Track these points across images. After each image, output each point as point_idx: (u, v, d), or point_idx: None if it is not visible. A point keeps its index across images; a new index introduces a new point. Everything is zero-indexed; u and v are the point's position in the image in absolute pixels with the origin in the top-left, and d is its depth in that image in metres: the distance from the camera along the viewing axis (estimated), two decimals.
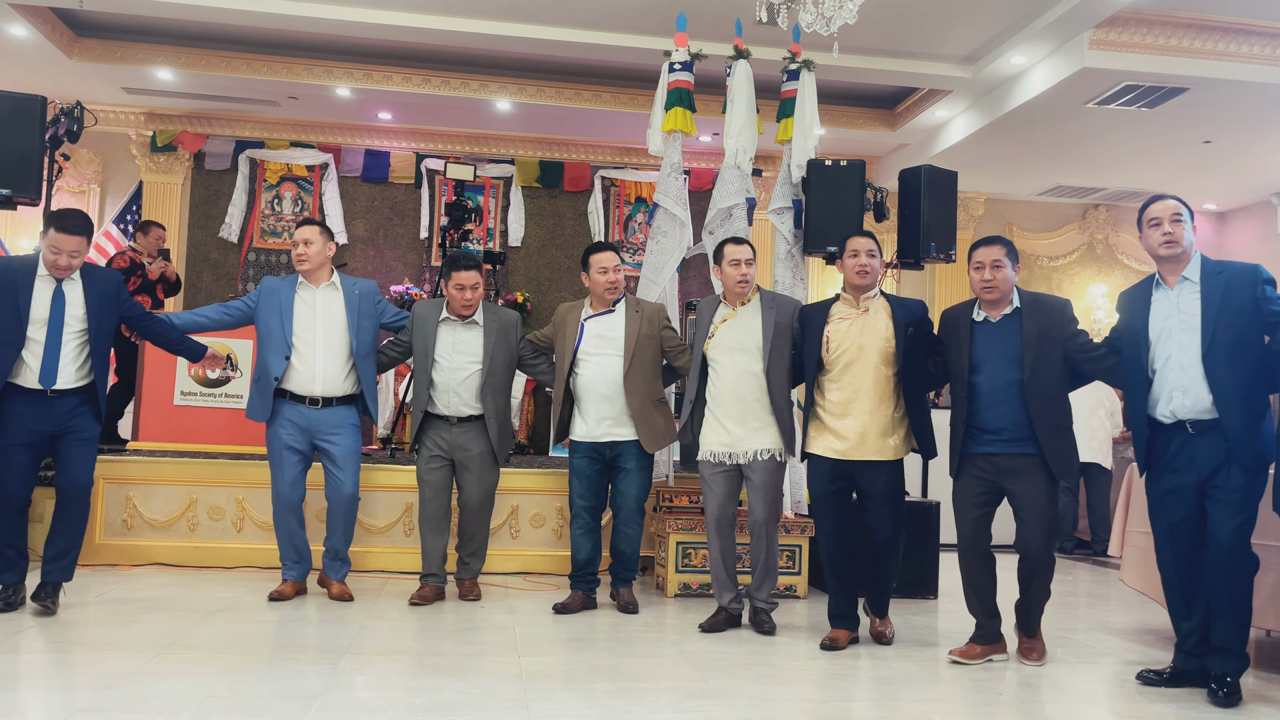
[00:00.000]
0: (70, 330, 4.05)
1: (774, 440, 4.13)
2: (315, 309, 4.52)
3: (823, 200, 5.36)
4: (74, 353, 4.06)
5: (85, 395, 4.10)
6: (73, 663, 3.38)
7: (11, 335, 3.97)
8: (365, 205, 9.38)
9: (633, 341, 4.44)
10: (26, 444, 4.02)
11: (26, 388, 3.99)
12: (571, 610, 4.44)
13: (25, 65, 7.59)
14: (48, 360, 4.00)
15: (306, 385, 4.47)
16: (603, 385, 4.43)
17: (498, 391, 4.60)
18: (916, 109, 8.56)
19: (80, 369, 4.08)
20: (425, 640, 3.86)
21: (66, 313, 4.05)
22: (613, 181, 9.75)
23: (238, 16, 6.70)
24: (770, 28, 5.79)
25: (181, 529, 5.29)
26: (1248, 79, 6.85)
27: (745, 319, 4.21)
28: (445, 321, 4.61)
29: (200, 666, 3.33)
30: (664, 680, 3.39)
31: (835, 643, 3.94)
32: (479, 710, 2.96)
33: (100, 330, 4.14)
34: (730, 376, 4.16)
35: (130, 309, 4.32)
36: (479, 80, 8.20)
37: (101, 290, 4.14)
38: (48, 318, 4.01)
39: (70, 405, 4.06)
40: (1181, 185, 9.46)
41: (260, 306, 4.54)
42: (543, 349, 4.76)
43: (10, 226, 8.55)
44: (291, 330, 4.46)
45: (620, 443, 4.44)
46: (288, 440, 4.47)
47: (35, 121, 5.02)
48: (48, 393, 4.01)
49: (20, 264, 4.10)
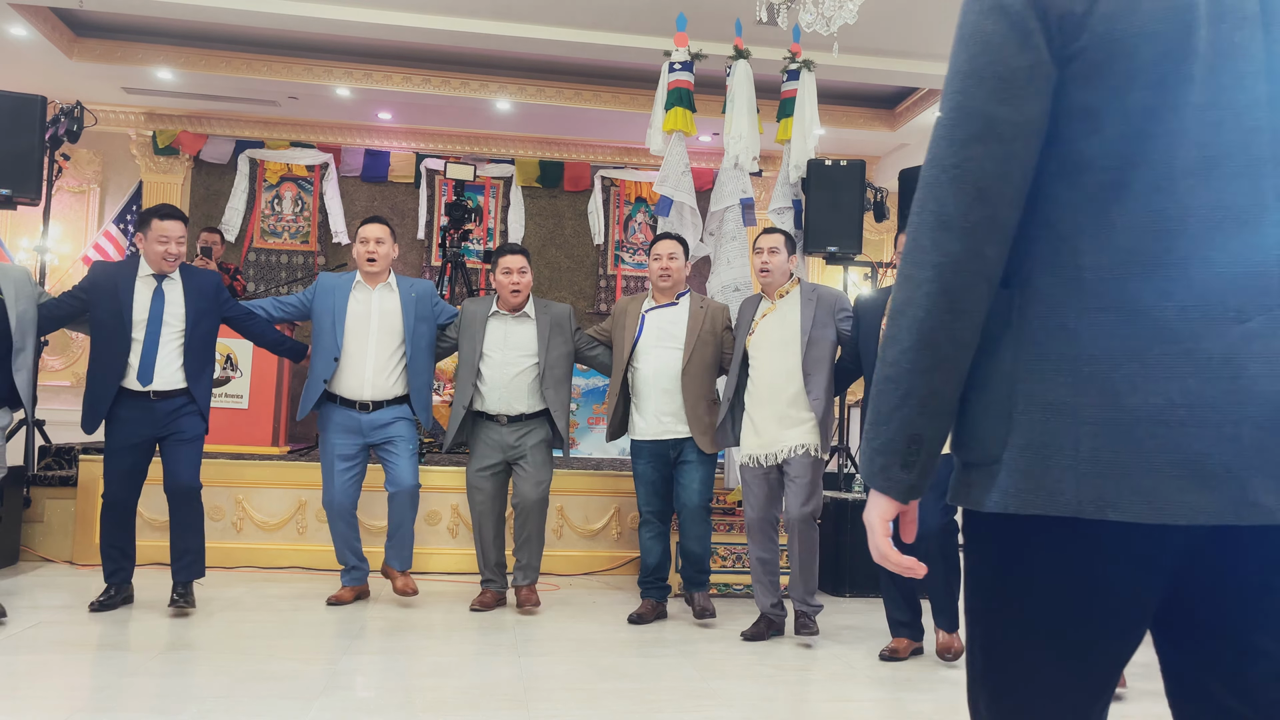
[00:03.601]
0: (170, 330, 4.08)
1: (811, 436, 3.97)
2: (370, 311, 4.38)
3: (822, 200, 5.36)
4: (174, 353, 4.07)
5: (188, 396, 4.10)
6: (73, 663, 3.38)
7: (118, 338, 4.02)
8: (365, 205, 9.37)
9: (694, 336, 4.28)
10: (131, 446, 4.04)
11: (132, 390, 4.02)
12: (646, 619, 4.28)
13: (25, 65, 7.58)
14: (145, 359, 4.02)
15: (355, 390, 4.33)
16: (664, 379, 4.27)
17: (559, 384, 4.43)
18: (916, 109, 8.55)
19: (181, 369, 4.09)
20: (425, 640, 3.86)
21: (166, 311, 4.08)
22: (613, 181, 9.75)
23: (238, 16, 6.70)
24: (770, 28, 5.80)
25: None
26: None
27: (785, 312, 4.06)
28: (495, 316, 4.44)
29: (200, 666, 3.33)
30: (664, 680, 3.39)
31: (896, 653, 3.79)
32: (479, 710, 2.96)
33: (200, 330, 4.15)
34: (768, 372, 4.02)
35: (231, 309, 4.31)
36: (479, 80, 8.19)
37: (200, 290, 4.17)
38: (148, 318, 4.05)
39: (172, 407, 4.06)
40: None
41: (315, 303, 4.42)
42: (601, 341, 4.58)
43: (10, 226, 8.55)
44: (343, 332, 4.35)
45: (682, 440, 4.27)
46: (339, 447, 4.34)
47: (35, 121, 5.02)
48: (150, 395, 4.03)
49: (120, 267, 4.17)
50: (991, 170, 1.04)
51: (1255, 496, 0.97)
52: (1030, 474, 1.02)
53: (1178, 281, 1.00)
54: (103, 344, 4.04)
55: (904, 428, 1.08)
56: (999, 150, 1.03)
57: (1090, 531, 1.01)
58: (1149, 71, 1.01)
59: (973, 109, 1.04)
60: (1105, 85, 1.02)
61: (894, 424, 1.08)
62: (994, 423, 1.07)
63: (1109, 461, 0.99)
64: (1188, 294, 0.99)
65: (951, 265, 1.05)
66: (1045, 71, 1.03)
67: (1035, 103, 1.03)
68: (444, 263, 6.68)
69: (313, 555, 5.17)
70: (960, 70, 1.06)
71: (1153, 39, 1.01)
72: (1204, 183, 1.01)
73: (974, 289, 1.05)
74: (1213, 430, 0.98)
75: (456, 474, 5.40)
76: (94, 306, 4.06)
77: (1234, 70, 1.01)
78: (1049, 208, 1.06)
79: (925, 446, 1.08)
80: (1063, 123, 1.05)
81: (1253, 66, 1.02)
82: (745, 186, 5.32)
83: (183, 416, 4.08)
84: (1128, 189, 1.02)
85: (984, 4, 1.05)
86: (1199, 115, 1.01)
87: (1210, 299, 0.99)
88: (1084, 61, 1.03)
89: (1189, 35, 1.01)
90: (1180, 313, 0.99)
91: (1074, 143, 1.04)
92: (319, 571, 5.14)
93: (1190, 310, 0.99)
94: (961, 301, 1.05)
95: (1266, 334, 0.99)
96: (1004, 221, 1.05)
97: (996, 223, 1.04)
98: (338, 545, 4.47)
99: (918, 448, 1.08)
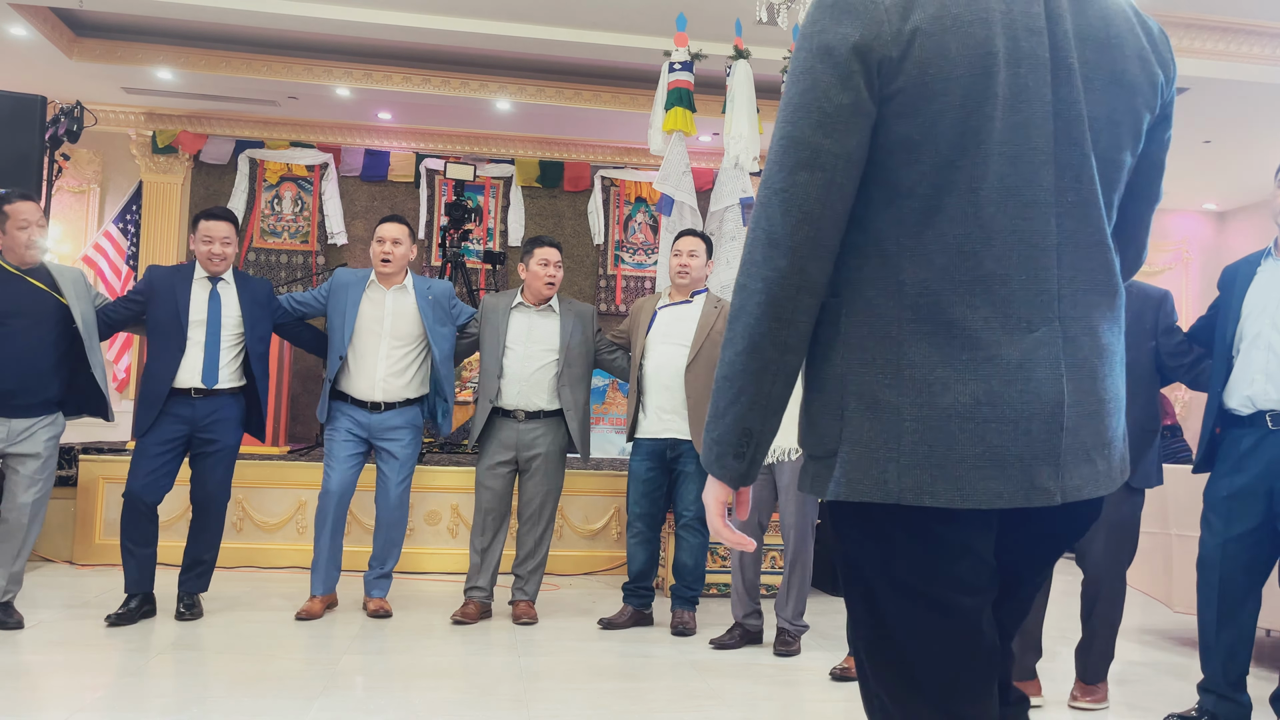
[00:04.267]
0: (226, 332, 4.09)
1: None
2: (383, 312, 4.29)
3: None
4: (227, 355, 4.09)
5: (231, 399, 4.10)
6: (73, 663, 3.38)
7: (174, 339, 4.02)
8: (365, 205, 9.37)
9: (703, 335, 4.18)
10: (163, 442, 3.99)
11: (176, 388, 4.01)
12: (618, 625, 4.20)
13: (25, 65, 7.58)
14: (209, 360, 4.04)
15: (366, 391, 4.25)
16: (665, 375, 4.18)
17: (576, 383, 4.32)
18: None
19: (233, 372, 4.10)
20: (425, 640, 3.86)
21: (223, 313, 4.10)
22: (613, 181, 9.74)
23: (238, 16, 6.70)
24: (770, 28, 5.79)
25: (182, 529, 5.26)
26: (1248, 79, 6.84)
27: None
28: (519, 308, 4.34)
29: (200, 666, 3.33)
30: (664, 680, 3.39)
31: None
32: (479, 710, 2.96)
33: (254, 336, 4.16)
34: None
35: (282, 316, 4.32)
36: (479, 80, 8.19)
37: (254, 296, 4.20)
38: (205, 319, 4.07)
39: (213, 407, 4.05)
40: (1181, 185, 9.45)
41: (330, 300, 4.35)
42: (620, 344, 4.50)
43: None
44: (352, 331, 4.27)
45: (681, 441, 4.17)
46: (343, 441, 4.25)
47: (35, 121, 5.02)
48: (193, 393, 4.02)
49: (177, 270, 4.19)
50: (815, 195, 1.15)
51: (1041, 482, 1.14)
52: (860, 465, 1.16)
53: (981, 296, 1.14)
54: (159, 345, 4.05)
55: (737, 422, 1.20)
56: (822, 177, 1.15)
57: (926, 513, 1.15)
58: (956, 110, 1.14)
59: (800, 139, 1.16)
60: (919, 122, 1.15)
61: (728, 419, 1.20)
62: (830, 420, 1.20)
63: (925, 454, 1.13)
64: (990, 307, 1.14)
65: (778, 279, 1.16)
66: (865, 109, 1.15)
67: (854, 136, 1.16)
68: (444, 263, 6.68)
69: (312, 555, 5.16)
70: (791, 103, 1.18)
71: (959, 82, 1.14)
72: (1003, 210, 1.15)
73: (798, 301, 1.17)
74: (1009, 425, 1.13)
75: (457, 474, 5.40)
76: (151, 309, 4.08)
77: (1027, 110, 1.16)
78: (876, 229, 1.18)
79: (755, 439, 1.20)
80: (885, 154, 1.17)
81: (1043, 108, 1.17)
82: (745, 186, 5.32)
83: (221, 421, 4.06)
84: (941, 213, 1.15)
85: (813, 46, 1.17)
86: (999, 150, 1.15)
87: (1008, 311, 1.14)
88: (901, 101, 1.15)
89: (990, 79, 1.14)
90: (984, 323, 1.14)
91: (895, 171, 1.17)
92: None
93: (992, 321, 1.14)
94: (787, 312, 1.16)
95: (1049, 342, 1.15)
96: (826, 241, 1.17)
97: (819, 242, 1.16)
98: (318, 548, 4.27)
99: (749, 440, 1.20)
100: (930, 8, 1.15)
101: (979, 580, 1.18)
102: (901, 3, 1.15)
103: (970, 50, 1.14)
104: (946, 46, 1.14)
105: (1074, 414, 1.17)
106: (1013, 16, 1.16)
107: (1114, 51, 1.22)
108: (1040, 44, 1.18)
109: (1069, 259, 1.18)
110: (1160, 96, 1.29)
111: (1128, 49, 1.23)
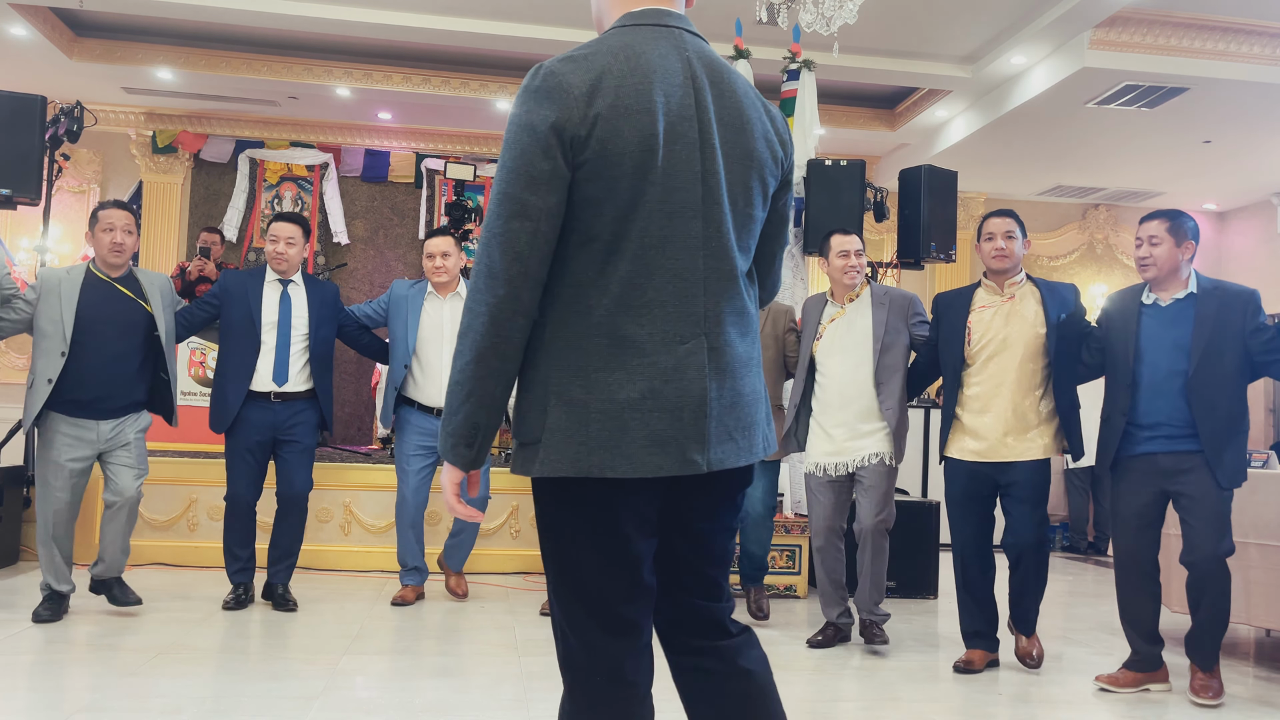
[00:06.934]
0: (296, 333, 4.23)
1: (885, 444, 3.85)
2: (443, 320, 4.48)
3: (823, 200, 5.36)
4: (297, 357, 4.22)
5: (307, 402, 4.25)
6: (73, 663, 3.38)
7: (248, 341, 4.17)
8: (365, 205, 9.37)
9: None
10: (253, 446, 4.18)
11: (256, 391, 4.16)
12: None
13: (25, 65, 7.58)
14: (279, 361, 4.18)
15: (435, 397, 4.42)
16: None
17: None
18: (916, 109, 8.55)
19: (302, 373, 4.24)
20: (425, 640, 3.86)
21: (293, 313, 4.23)
22: None
23: (238, 16, 6.70)
24: (770, 28, 5.79)
25: (181, 529, 5.29)
26: (1248, 79, 6.84)
27: (854, 317, 3.95)
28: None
29: (200, 666, 3.33)
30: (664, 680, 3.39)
31: (970, 665, 3.64)
32: (479, 710, 2.96)
33: (319, 338, 4.29)
34: (838, 380, 3.90)
35: (346, 319, 4.47)
36: (479, 80, 8.19)
37: (322, 299, 4.34)
38: (277, 320, 4.20)
39: (293, 410, 4.21)
40: (1181, 185, 9.46)
41: (390, 311, 4.53)
42: None
43: (10, 226, 8.55)
44: (416, 340, 4.45)
45: None
46: (414, 450, 4.45)
47: (35, 121, 5.01)
48: (272, 397, 4.17)
49: (249, 274, 4.34)
50: (525, 239, 1.46)
51: (690, 456, 1.49)
52: (558, 448, 1.47)
53: (646, 317, 1.49)
54: (233, 347, 4.20)
55: (468, 418, 1.50)
56: (530, 226, 1.46)
57: (607, 482, 1.48)
58: (629, 177, 1.48)
59: (513, 195, 1.47)
60: (602, 184, 1.48)
61: (461, 415, 1.50)
62: (536, 414, 1.50)
63: (606, 438, 1.46)
64: (653, 326, 1.49)
65: (498, 304, 1.47)
66: (561, 174, 1.47)
67: (555, 195, 1.47)
68: None
69: (312, 555, 5.16)
70: (505, 167, 1.49)
71: (631, 156, 1.47)
72: (662, 253, 1.50)
73: (514, 321, 1.48)
74: (668, 415, 1.48)
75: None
76: (225, 311, 4.23)
77: (681, 178, 1.51)
78: (572, 266, 1.51)
79: (482, 431, 1.51)
80: (579, 208, 1.49)
81: (693, 176, 1.52)
82: None
83: (301, 422, 4.24)
84: (619, 254, 1.49)
85: (521, 124, 1.48)
86: (658, 208, 1.50)
87: (666, 329, 1.50)
88: (588, 168, 1.47)
89: (653, 154, 1.48)
90: (649, 338, 1.49)
91: (586, 222, 1.49)
92: (319, 571, 5.15)
93: (655, 336, 1.49)
94: (505, 330, 1.48)
95: (697, 351, 1.51)
96: (535, 274, 1.48)
97: (529, 275, 1.47)
98: (401, 548, 4.53)
99: (477, 432, 1.51)
100: (609, 97, 1.47)
101: (645, 530, 1.54)
102: (587, 92, 1.46)
103: (638, 132, 1.47)
104: (620, 129, 1.46)
105: (717, 405, 1.52)
106: (670, 105, 1.51)
107: (745, 134, 1.59)
108: (691, 128, 1.53)
109: (713, 289, 1.54)
110: (781, 167, 1.66)
111: (756, 132, 1.60)
